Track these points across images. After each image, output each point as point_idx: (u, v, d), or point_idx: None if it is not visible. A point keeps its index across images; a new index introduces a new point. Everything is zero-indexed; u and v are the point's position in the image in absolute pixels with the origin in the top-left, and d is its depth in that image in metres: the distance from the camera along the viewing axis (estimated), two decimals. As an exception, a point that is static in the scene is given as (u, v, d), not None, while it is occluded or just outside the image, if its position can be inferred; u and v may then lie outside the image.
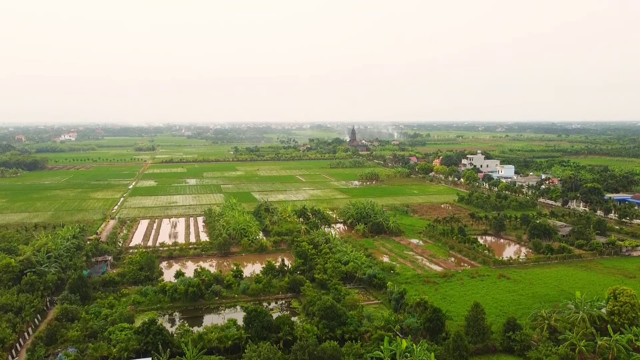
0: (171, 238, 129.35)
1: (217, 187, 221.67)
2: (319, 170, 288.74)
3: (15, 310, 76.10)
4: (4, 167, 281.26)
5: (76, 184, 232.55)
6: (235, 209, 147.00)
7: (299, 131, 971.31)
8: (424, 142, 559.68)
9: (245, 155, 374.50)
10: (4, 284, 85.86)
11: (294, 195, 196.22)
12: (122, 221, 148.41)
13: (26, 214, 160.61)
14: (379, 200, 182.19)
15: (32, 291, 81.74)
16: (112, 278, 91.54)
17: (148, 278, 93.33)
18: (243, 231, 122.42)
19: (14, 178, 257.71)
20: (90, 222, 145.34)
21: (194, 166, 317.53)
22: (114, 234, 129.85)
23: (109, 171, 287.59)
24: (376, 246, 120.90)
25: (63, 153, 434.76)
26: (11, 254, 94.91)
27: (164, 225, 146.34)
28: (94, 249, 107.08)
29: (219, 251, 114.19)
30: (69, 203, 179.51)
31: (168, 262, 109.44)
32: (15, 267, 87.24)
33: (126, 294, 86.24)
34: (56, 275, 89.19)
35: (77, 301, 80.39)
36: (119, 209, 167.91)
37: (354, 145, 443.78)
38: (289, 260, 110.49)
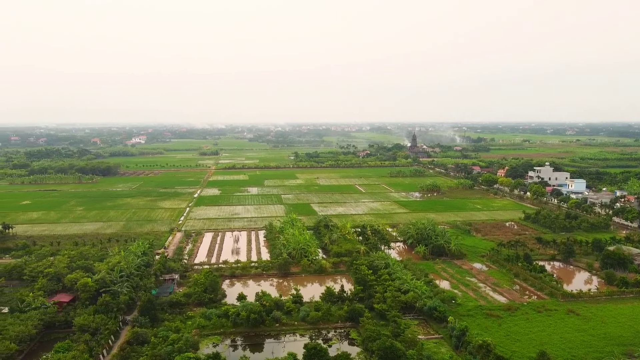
0: (233, 254, 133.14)
1: (278, 197, 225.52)
2: (379, 180, 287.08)
3: (92, 331, 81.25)
4: (81, 173, 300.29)
5: (146, 191, 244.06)
6: (295, 225, 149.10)
7: (358, 133, 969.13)
8: (488, 147, 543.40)
9: (305, 162, 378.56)
10: (82, 303, 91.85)
11: (353, 209, 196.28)
12: (187, 234, 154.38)
13: (100, 223, 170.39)
14: (439, 216, 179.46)
15: (107, 312, 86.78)
16: (178, 300, 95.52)
17: (212, 300, 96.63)
18: (303, 251, 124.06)
19: (90, 184, 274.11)
20: (159, 235, 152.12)
21: (255, 173, 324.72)
22: (180, 249, 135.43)
23: (175, 178, 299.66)
24: (437, 270, 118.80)
25: (134, 157, 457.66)
26: (88, 272, 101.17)
27: (227, 238, 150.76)
28: (162, 267, 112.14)
29: (279, 271, 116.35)
30: (139, 213, 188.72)
31: (230, 281, 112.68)
32: (92, 287, 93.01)
33: (191, 317, 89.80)
34: (128, 295, 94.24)
35: (147, 324, 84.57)
36: (185, 220, 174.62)
37: (415, 152, 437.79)
38: (348, 282, 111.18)
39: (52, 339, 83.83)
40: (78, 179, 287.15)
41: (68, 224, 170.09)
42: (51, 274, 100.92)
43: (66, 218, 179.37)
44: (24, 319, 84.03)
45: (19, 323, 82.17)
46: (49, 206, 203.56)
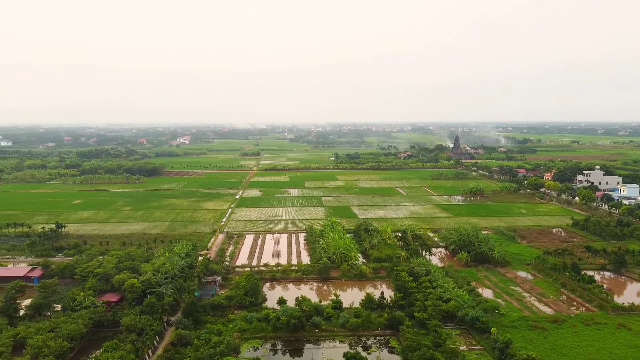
0: (274, 257, 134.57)
1: (318, 199, 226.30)
2: (420, 182, 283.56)
3: (138, 331, 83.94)
4: (128, 173, 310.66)
5: (189, 192, 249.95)
6: (335, 229, 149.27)
7: (399, 134, 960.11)
8: (534, 148, 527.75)
9: (346, 164, 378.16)
10: (129, 303, 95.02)
11: (393, 212, 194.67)
12: (229, 236, 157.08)
13: (146, 224, 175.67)
14: (483, 221, 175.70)
15: (152, 313, 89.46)
16: (220, 302, 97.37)
17: (253, 303, 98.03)
18: (343, 256, 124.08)
19: (137, 184, 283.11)
20: (201, 236, 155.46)
21: (296, 174, 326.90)
22: (222, 251, 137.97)
23: (218, 179, 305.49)
24: (479, 278, 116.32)
25: (178, 158, 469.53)
26: (135, 273, 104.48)
27: (268, 241, 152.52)
28: (204, 269, 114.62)
29: (318, 275, 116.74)
30: (183, 213, 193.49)
31: (271, 284, 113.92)
32: (138, 288, 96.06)
33: (233, 320, 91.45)
34: (172, 297, 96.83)
35: (190, 325, 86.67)
36: (227, 222, 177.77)
37: (457, 154, 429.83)
38: (388, 288, 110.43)
39: (101, 337, 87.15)
40: (125, 179, 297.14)
41: (116, 223, 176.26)
42: (100, 274, 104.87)
43: (114, 218, 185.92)
44: (75, 317, 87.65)
45: (70, 321, 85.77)
46: (98, 206, 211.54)
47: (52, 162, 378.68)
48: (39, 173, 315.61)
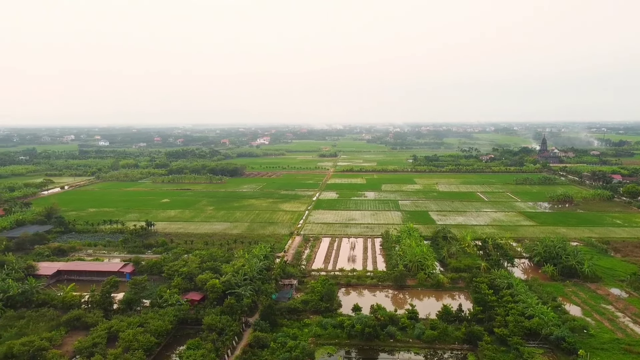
0: (349, 262, 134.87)
1: (395, 203, 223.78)
2: (503, 187, 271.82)
3: (218, 330, 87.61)
4: (212, 173, 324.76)
5: (268, 193, 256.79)
6: (412, 235, 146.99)
7: (481, 135, 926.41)
8: (632, 151, 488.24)
9: (424, 166, 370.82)
10: (210, 302, 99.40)
11: (474, 219, 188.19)
12: (306, 238, 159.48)
13: (228, 224, 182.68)
14: (571, 231, 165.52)
15: (231, 313, 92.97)
16: (296, 306, 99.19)
17: (328, 309, 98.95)
18: (419, 264, 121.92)
19: (219, 184, 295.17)
20: (279, 238, 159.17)
21: (372, 177, 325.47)
22: (299, 254, 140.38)
23: (295, 180, 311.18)
24: (566, 294, 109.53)
25: (258, 158, 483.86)
26: (216, 273, 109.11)
27: (344, 245, 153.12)
28: (281, 272, 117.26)
29: (394, 283, 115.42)
30: (261, 214, 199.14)
31: (346, 290, 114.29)
32: (219, 288, 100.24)
33: (308, 325, 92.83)
34: (250, 298, 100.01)
35: (267, 328, 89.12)
36: (304, 224, 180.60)
37: (544, 157, 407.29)
38: (466, 300, 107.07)
39: (184, 334, 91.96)
40: (209, 179, 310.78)
41: (200, 223, 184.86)
42: (185, 273, 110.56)
43: (198, 217, 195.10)
44: (162, 314, 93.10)
45: (158, 317, 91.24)
46: (184, 205, 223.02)
47: (143, 162, 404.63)
48: (132, 172, 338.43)
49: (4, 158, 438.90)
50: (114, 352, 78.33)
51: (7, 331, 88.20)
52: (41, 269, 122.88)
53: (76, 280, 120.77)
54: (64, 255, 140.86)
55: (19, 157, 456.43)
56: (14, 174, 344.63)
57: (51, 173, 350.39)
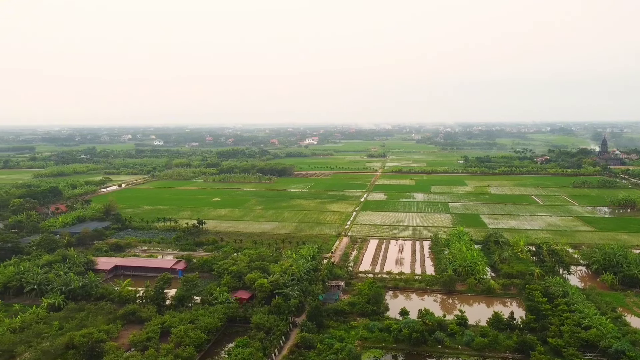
0: (397, 264, 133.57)
1: (445, 205, 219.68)
2: (559, 190, 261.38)
3: (266, 330, 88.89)
4: (261, 173, 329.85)
5: (316, 193, 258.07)
6: (462, 239, 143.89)
7: (536, 135, 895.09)
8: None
9: (475, 168, 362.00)
10: (258, 301, 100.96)
11: (527, 223, 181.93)
12: (353, 240, 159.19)
13: (276, 223, 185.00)
14: (634, 237, 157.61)
15: (279, 313, 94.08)
16: (343, 308, 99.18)
17: (375, 312, 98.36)
18: (469, 268, 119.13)
19: (268, 184, 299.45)
20: (326, 238, 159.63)
21: (422, 178, 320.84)
22: (346, 255, 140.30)
23: (343, 180, 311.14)
24: (627, 304, 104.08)
25: (306, 158, 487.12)
26: (264, 272, 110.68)
27: (391, 247, 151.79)
28: (328, 273, 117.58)
29: (443, 288, 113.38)
30: (309, 215, 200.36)
31: (394, 293, 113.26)
32: (267, 288, 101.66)
33: (355, 327, 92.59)
34: (298, 299, 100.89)
35: (314, 329, 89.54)
36: (351, 226, 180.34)
37: (605, 158, 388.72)
38: (518, 308, 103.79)
39: (233, 332, 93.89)
40: (258, 179, 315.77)
41: (249, 222, 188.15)
42: (234, 271, 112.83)
43: (247, 216, 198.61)
44: (212, 311, 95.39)
45: (208, 315, 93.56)
46: (234, 204, 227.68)
47: (195, 161, 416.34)
48: (185, 171, 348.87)
49: (67, 157, 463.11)
50: (166, 347, 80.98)
51: (69, 322, 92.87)
52: (100, 263, 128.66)
53: (131, 275, 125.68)
54: (121, 251, 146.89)
55: (81, 156, 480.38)
56: (76, 172, 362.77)
57: (109, 171, 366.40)
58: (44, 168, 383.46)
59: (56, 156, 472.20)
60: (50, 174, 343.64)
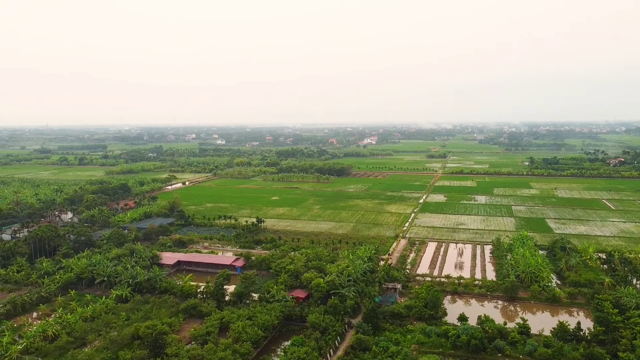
0: (456, 269, 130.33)
1: (508, 208, 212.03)
2: (634, 195, 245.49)
3: (321, 329, 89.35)
4: (319, 173, 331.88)
5: (374, 194, 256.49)
6: (525, 244, 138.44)
7: (609, 136, 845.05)
8: None
9: (542, 169, 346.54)
10: (315, 301, 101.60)
11: (598, 229, 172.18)
12: (411, 242, 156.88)
13: (333, 223, 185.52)
14: None
15: (335, 314, 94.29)
16: (399, 311, 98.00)
17: (432, 316, 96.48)
18: (533, 275, 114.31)
19: (326, 184, 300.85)
20: (383, 240, 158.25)
21: (484, 180, 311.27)
22: (403, 257, 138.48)
23: (402, 181, 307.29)
24: None
25: (365, 158, 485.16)
26: (320, 272, 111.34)
27: (451, 250, 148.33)
28: (385, 275, 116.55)
29: (504, 294, 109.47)
30: (367, 215, 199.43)
31: (452, 298, 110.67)
32: (323, 288, 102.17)
33: (411, 331, 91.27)
34: (354, 300, 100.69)
35: (369, 331, 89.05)
36: (409, 227, 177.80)
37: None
38: (586, 318, 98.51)
39: (289, 330, 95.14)
40: (316, 179, 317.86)
41: (306, 221, 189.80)
42: (291, 270, 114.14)
43: (305, 215, 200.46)
44: (269, 308, 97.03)
45: (265, 312, 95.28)
46: (292, 203, 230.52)
47: (255, 160, 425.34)
48: (245, 170, 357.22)
49: (136, 155, 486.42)
50: (225, 342, 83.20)
51: (135, 314, 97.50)
52: (164, 258, 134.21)
53: (193, 270, 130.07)
54: (184, 246, 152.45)
55: (148, 154, 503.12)
56: (144, 169, 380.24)
57: (175, 169, 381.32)
58: (114, 166, 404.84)
59: (126, 154, 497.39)
60: (120, 172, 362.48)
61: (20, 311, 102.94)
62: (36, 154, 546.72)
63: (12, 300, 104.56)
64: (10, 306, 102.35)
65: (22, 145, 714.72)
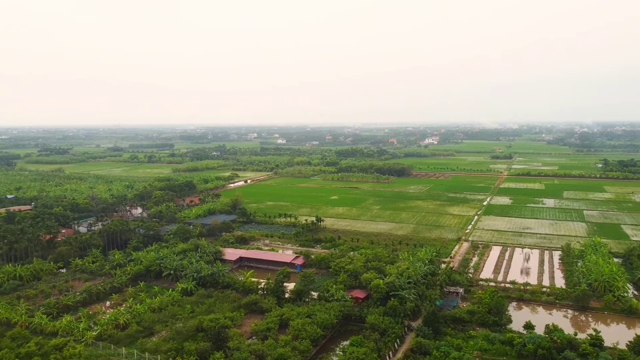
0: (522, 274, 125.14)
1: (579, 213, 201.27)
2: None
3: (380, 331, 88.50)
4: (379, 173, 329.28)
5: (435, 195, 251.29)
6: (598, 251, 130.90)
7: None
8: None
9: (617, 172, 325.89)
10: (374, 302, 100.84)
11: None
12: (474, 245, 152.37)
13: (393, 224, 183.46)
14: None
15: (394, 316, 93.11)
16: (461, 316, 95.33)
17: (496, 323, 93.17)
18: (607, 284, 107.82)
19: (386, 184, 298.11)
20: (445, 242, 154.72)
21: (552, 182, 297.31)
22: (466, 261, 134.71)
23: (464, 182, 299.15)
24: None
25: (426, 158, 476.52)
26: (380, 273, 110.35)
27: (516, 255, 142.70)
28: (447, 279, 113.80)
29: (574, 303, 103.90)
30: (427, 217, 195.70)
31: (517, 305, 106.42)
32: (382, 289, 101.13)
33: (473, 337, 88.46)
34: (414, 302, 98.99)
35: (430, 335, 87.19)
36: (472, 230, 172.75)
37: None
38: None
39: (347, 329, 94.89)
40: (376, 179, 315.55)
41: (366, 221, 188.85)
42: (350, 270, 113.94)
43: (364, 215, 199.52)
44: (328, 307, 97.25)
45: (324, 310, 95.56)
46: (351, 203, 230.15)
47: (315, 160, 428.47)
48: (305, 169, 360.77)
49: (200, 153, 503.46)
50: (284, 339, 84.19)
51: (199, 307, 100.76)
52: (226, 254, 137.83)
53: (254, 267, 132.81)
54: (245, 243, 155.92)
55: (212, 153, 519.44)
56: (208, 167, 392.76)
57: (237, 167, 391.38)
58: (180, 163, 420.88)
59: (191, 153, 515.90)
60: (186, 169, 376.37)
61: (95, 300, 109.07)
62: (109, 152, 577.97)
63: (88, 289, 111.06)
64: (87, 295, 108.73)
65: (97, 144, 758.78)
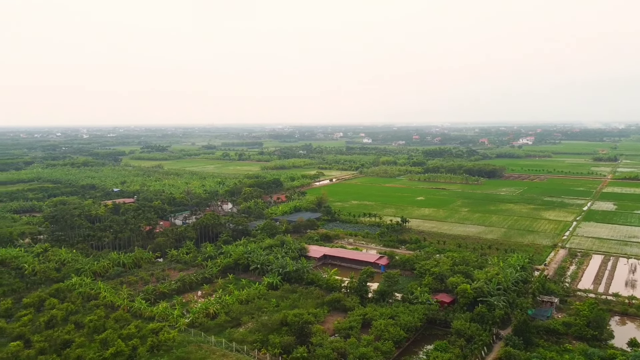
0: (627, 287, 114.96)
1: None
2: None
3: (467, 337, 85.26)
4: (468, 174, 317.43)
5: (529, 198, 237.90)
6: None
7: None
8: None
9: None
10: (460, 307, 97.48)
11: None
12: (572, 253, 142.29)
13: (482, 227, 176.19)
14: None
15: (481, 322, 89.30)
16: (556, 327, 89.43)
17: (595, 337, 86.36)
18: None
19: (475, 185, 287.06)
20: (539, 249, 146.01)
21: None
22: (562, 269, 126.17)
23: (562, 186, 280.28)
24: None
25: (519, 160, 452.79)
26: (467, 278, 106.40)
27: (620, 265, 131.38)
28: (540, 287, 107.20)
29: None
30: (520, 221, 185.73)
31: (621, 319, 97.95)
32: (470, 294, 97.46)
33: (569, 350, 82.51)
34: (503, 310, 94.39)
35: (520, 345, 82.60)
36: (570, 237, 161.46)
37: None
38: None
39: (431, 334, 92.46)
40: (465, 180, 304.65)
41: (453, 223, 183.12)
42: (436, 273, 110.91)
43: (452, 218, 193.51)
44: (412, 310, 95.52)
45: (408, 313, 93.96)
46: (438, 204, 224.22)
47: (401, 160, 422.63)
48: (390, 169, 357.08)
49: (288, 152, 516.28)
50: (367, 338, 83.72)
51: (283, 301, 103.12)
52: (311, 251, 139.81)
53: (338, 265, 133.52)
54: (329, 241, 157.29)
55: (299, 152, 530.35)
56: (294, 165, 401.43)
57: (322, 166, 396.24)
58: (268, 161, 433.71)
59: (279, 151, 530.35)
60: (274, 167, 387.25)
61: (188, 289, 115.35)
62: (203, 149, 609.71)
63: (182, 279, 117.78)
64: (181, 284, 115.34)
65: (192, 142, 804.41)
